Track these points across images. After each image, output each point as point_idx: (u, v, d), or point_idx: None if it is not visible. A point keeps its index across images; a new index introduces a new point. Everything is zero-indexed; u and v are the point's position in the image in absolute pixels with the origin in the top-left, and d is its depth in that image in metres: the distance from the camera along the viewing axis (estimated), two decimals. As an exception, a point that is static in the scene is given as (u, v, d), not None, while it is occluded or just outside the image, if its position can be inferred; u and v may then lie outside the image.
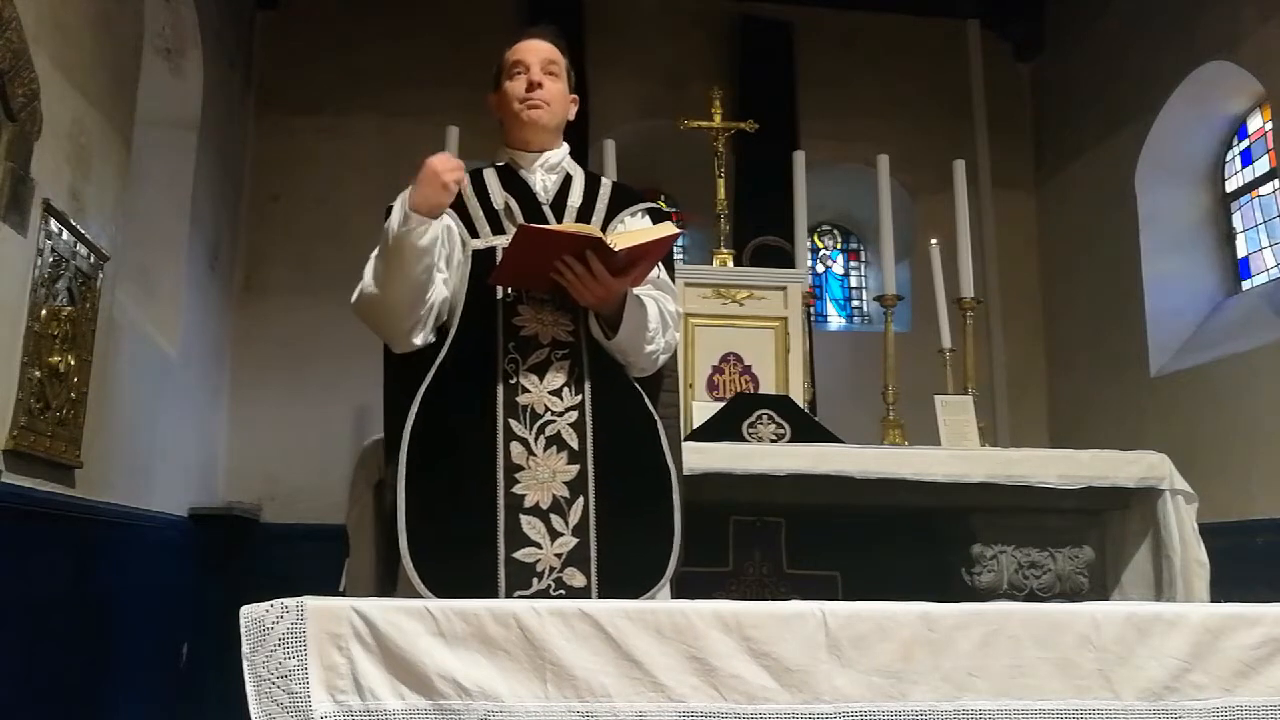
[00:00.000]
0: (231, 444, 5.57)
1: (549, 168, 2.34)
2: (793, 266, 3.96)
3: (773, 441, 3.15)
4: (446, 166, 2.10)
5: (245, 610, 1.51)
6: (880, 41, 6.50)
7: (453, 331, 2.19)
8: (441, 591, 1.90)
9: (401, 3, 6.11)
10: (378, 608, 1.55)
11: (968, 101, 6.58)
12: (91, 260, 3.43)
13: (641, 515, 2.14)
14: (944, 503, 3.02)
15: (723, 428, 3.18)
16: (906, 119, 6.20)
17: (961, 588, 3.02)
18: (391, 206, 2.20)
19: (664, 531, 2.15)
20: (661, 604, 1.68)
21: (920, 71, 6.47)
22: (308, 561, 3.26)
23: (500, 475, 2.08)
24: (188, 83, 4.87)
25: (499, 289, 2.19)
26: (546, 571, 2.05)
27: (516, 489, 2.08)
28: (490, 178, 2.33)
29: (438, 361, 2.18)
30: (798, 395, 3.55)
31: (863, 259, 6.88)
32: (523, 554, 2.05)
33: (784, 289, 3.69)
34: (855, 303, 6.82)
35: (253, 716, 1.47)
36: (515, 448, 2.10)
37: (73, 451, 3.32)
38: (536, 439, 2.11)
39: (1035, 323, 6.40)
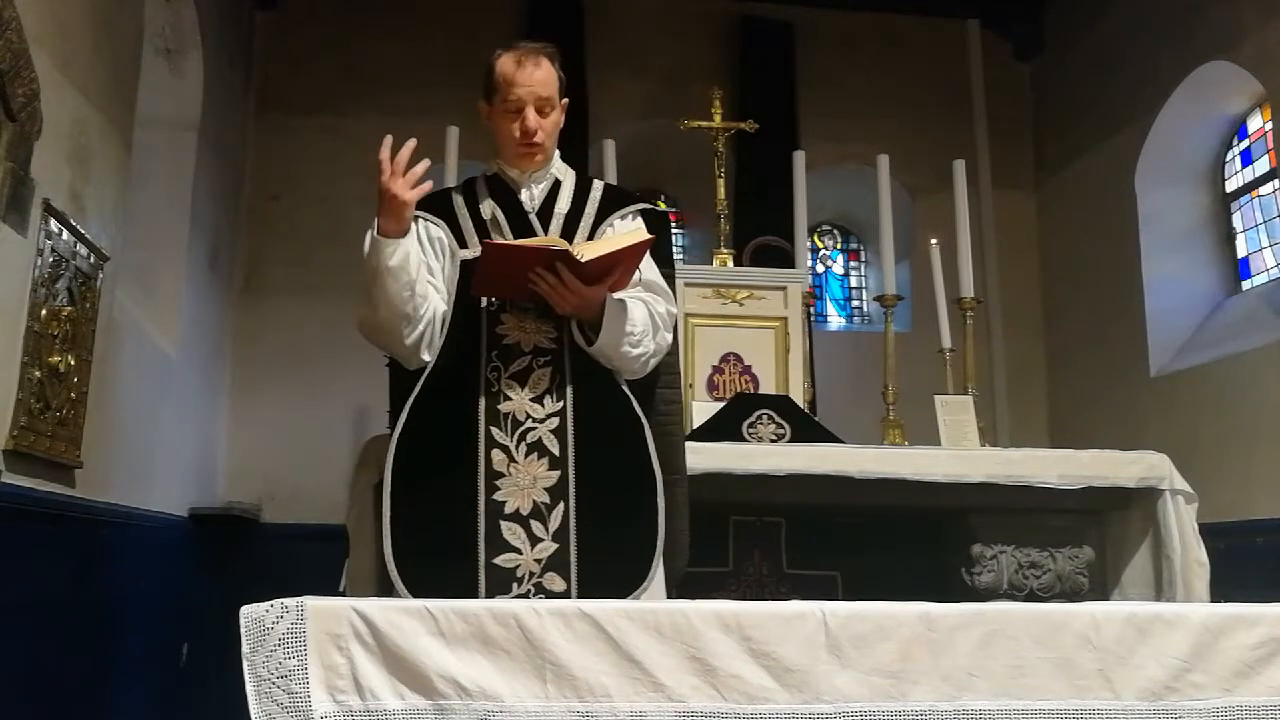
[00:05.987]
0: (231, 444, 5.57)
1: (537, 178, 2.33)
2: (793, 266, 3.97)
3: (773, 441, 3.15)
4: (396, 185, 2.07)
5: (245, 610, 1.51)
6: (880, 41, 6.50)
7: (439, 341, 2.21)
8: (421, 595, 1.89)
9: (401, 3, 6.11)
10: (378, 608, 1.55)
11: (968, 101, 6.58)
12: (91, 260, 3.43)
13: (622, 519, 2.14)
14: (944, 503, 3.02)
15: (723, 428, 3.19)
16: (906, 119, 6.20)
17: (961, 588, 3.02)
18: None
19: (647, 535, 2.15)
20: (661, 604, 1.69)
21: (920, 71, 6.47)
22: (307, 561, 3.26)
23: (481, 482, 2.11)
24: (188, 83, 4.87)
25: (484, 298, 2.20)
26: (526, 577, 2.07)
27: (497, 495, 2.11)
28: (481, 187, 2.34)
29: (426, 371, 2.20)
30: (798, 395, 3.56)
31: (863, 259, 6.87)
32: (503, 559, 2.07)
33: (784, 289, 3.70)
34: (855, 303, 6.82)
35: (253, 716, 1.47)
36: (496, 455, 2.12)
37: (73, 451, 3.32)
38: (518, 446, 2.13)
39: (1035, 323, 6.40)
